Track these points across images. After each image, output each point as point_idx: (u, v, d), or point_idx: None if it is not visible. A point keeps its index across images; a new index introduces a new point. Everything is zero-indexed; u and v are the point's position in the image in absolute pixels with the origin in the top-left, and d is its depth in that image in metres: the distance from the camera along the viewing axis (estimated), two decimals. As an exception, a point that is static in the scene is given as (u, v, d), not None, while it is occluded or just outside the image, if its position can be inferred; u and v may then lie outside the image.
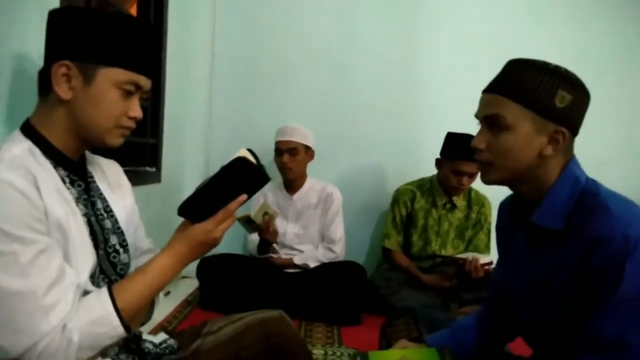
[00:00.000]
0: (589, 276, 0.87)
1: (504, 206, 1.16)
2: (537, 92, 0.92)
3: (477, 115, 1.01)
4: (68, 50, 0.87)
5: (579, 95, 0.94)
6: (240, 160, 0.88)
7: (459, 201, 2.55)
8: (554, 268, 0.95)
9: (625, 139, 2.98)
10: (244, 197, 0.93)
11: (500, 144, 0.95)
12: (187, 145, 2.80)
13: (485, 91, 1.01)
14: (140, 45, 0.92)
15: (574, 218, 0.93)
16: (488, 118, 0.97)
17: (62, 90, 0.87)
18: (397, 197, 2.60)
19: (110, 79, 0.88)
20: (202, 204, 0.91)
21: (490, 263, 2.28)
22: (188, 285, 2.58)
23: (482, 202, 2.56)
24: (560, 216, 0.94)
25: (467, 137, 2.36)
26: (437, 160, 2.52)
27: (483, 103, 1.00)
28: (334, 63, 3.00)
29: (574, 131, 0.96)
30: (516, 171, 0.96)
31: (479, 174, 2.34)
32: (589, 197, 0.93)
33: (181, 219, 0.95)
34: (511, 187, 1.03)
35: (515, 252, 1.08)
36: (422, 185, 2.60)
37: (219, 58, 3.02)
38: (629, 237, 0.84)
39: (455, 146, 2.40)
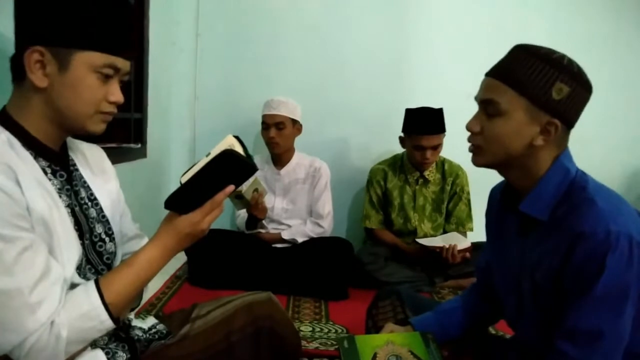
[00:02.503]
0: (571, 269, 0.89)
1: (495, 192, 1.17)
2: (535, 82, 0.91)
3: (476, 98, 1.01)
4: (39, 35, 0.83)
5: (578, 88, 0.92)
6: (228, 154, 0.86)
7: (432, 174, 2.55)
8: (538, 258, 0.97)
9: (609, 116, 2.99)
10: (231, 188, 0.91)
11: (492, 129, 0.96)
12: (172, 118, 2.75)
13: (486, 75, 1.00)
14: (115, 25, 0.87)
15: (561, 210, 0.94)
16: (484, 102, 0.98)
17: (37, 77, 0.83)
18: (371, 178, 2.61)
19: (86, 64, 0.84)
20: (189, 198, 0.90)
21: (469, 249, 2.30)
22: (177, 259, 2.59)
23: (456, 172, 2.56)
24: (546, 207, 0.95)
25: (424, 111, 2.38)
26: (400, 138, 2.52)
27: (482, 86, 1.00)
28: (321, 35, 2.93)
29: (569, 124, 0.96)
30: (505, 158, 0.97)
31: (441, 145, 2.37)
32: (577, 190, 0.94)
33: None
34: (500, 173, 1.04)
35: (503, 239, 1.10)
36: (394, 163, 2.60)
37: (204, 28, 2.92)
38: (611, 232, 0.85)
39: (413, 121, 2.40)
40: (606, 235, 0.85)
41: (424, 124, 2.37)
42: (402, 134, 2.49)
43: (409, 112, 2.44)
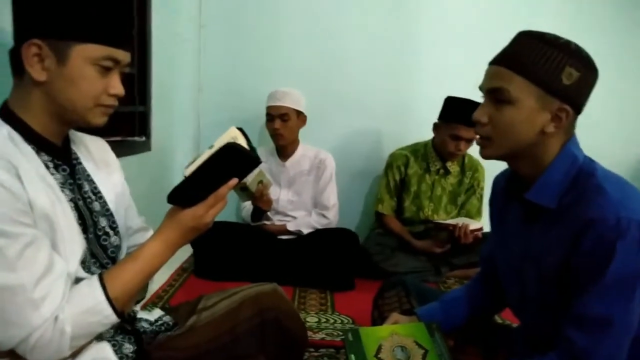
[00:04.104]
0: (580, 256, 0.88)
1: (499, 180, 1.16)
2: (544, 68, 0.89)
3: (481, 88, 0.99)
4: (37, 28, 0.82)
5: (587, 72, 0.91)
6: (231, 147, 0.86)
7: (453, 167, 2.54)
8: (545, 246, 0.96)
9: (616, 102, 2.96)
10: (234, 181, 0.91)
11: (502, 118, 0.94)
12: (176, 110, 2.74)
13: (491, 63, 0.98)
14: (113, 16, 0.86)
15: (568, 198, 0.93)
16: (492, 91, 0.95)
17: (35, 71, 0.83)
18: (391, 162, 2.59)
19: (85, 56, 0.83)
20: (192, 191, 0.89)
21: (480, 229, 2.30)
22: (183, 252, 2.60)
23: (475, 167, 2.56)
24: (554, 195, 0.94)
25: (466, 102, 2.32)
26: (435, 124, 2.48)
27: (488, 75, 0.97)
28: (326, 25, 2.91)
29: (578, 109, 0.94)
30: (515, 148, 0.95)
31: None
32: (585, 178, 0.92)
33: None
34: (509, 164, 1.02)
35: (508, 227, 1.09)
36: (417, 150, 2.58)
37: (208, 20, 2.91)
38: (621, 219, 0.84)
39: (455, 110, 2.36)
40: (616, 222, 0.84)
41: (467, 114, 2.33)
42: (437, 121, 2.46)
43: (452, 100, 2.40)
